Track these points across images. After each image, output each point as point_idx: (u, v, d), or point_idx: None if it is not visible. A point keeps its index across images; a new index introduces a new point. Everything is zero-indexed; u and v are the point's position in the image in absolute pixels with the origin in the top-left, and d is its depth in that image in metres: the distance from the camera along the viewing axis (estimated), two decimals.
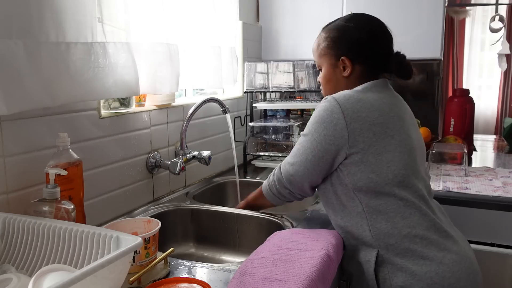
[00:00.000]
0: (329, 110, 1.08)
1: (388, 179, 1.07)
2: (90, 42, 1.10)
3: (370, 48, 1.17)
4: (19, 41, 0.92)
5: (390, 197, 1.07)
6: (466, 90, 2.33)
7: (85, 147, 1.20)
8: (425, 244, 1.05)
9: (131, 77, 1.23)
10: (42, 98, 0.98)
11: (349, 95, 1.10)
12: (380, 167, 1.06)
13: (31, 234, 0.88)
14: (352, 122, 1.06)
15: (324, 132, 1.09)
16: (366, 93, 1.13)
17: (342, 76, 1.19)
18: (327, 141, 1.08)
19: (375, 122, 1.07)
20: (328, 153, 1.09)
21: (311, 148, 1.11)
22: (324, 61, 1.22)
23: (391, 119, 1.10)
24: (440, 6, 2.00)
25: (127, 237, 0.81)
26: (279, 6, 2.24)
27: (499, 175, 1.84)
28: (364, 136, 1.06)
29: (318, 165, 1.12)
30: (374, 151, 1.06)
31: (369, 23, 1.19)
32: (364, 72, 1.18)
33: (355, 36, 1.17)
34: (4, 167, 0.99)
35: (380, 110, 1.09)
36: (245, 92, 2.05)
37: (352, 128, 1.06)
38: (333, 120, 1.07)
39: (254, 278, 0.90)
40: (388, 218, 1.07)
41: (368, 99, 1.10)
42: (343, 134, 1.07)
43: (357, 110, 1.07)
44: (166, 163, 1.48)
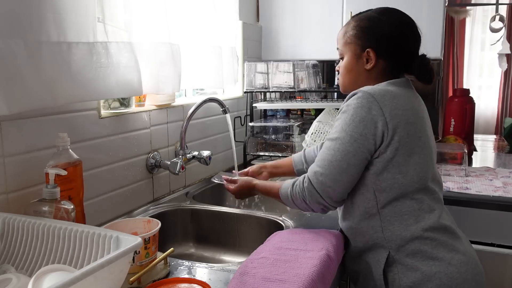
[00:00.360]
0: (366, 107, 1.03)
1: (413, 181, 1.05)
2: (91, 42, 1.10)
3: (398, 45, 1.13)
4: (20, 40, 0.92)
5: (408, 199, 1.06)
6: (466, 90, 2.32)
7: (85, 147, 1.20)
8: (435, 245, 1.04)
9: (133, 77, 1.23)
10: (43, 98, 0.98)
11: (384, 90, 1.06)
12: (408, 168, 1.04)
13: (31, 234, 0.88)
14: (391, 120, 1.03)
15: (365, 131, 1.03)
16: (398, 89, 1.09)
17: (364, 68, 1.15)
18: (370, 140, 1.03)
19: (409, 121, 1.05)
20: (370, 153, 1.05)
21: (352, 152, 1.03)
22: (349, 50, 1.17)
23: (419, 120, 1.08)
24: (440, 6, 2.00)
25: (127, 237, 0.80)
26: (279, 6, 2.24)
27: (500, 175, 1.84)
28: (400, 135, 1.03)
29: (361, 169, 1.06)
30: (405, 152, 1.04)
31: (401, 20, 1.15)
32: (386, 68, 1.14)
33: (385, 30, 1.13)
34: (4, 167, 0.99)
35: (412, 109, 1.07)
36: (245, 92, 2.05)
37: (392, 126, 1.03)
38: (373, 117, 1.02)
39: (254, 278, 0.90)
40: (402, 221, 1.06)
41: (402, 97, 1.07)
42: (383, 131, 1.03)
43: (394, 107, 1.04)
44: (166, 163, 1.48)
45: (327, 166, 1.06)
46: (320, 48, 2.18)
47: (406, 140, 1.04)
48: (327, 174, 1.06)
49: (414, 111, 1.08)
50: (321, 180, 1.06)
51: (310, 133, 1.85)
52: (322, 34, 2.17)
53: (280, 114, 2.31)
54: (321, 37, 2.17)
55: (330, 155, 1.06)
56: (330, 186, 1.06)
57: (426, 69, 1.15)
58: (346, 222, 1.15)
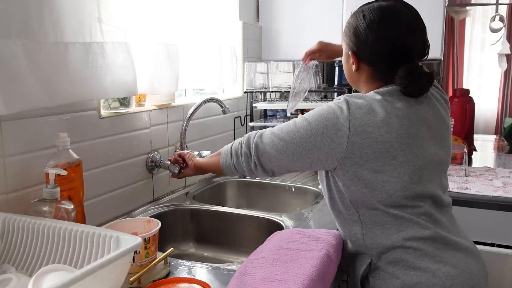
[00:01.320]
0: (337, 112, 1.01)
1: (381, 197, 1.01)
2: (88, 42, 1.10)
3: (377, 52, 1.06)
4: (18, 41, 0.92)
5: (385, 213, 1.03)
6: (466, 90, 2.32)
7: (85, 147, 1.20)
8: (418, 255, 1.00)
9: (129, 77, 1.23)
10: (41, 98, 0.98)
11: (362, 103, 1.02)
12: (375, 184, 1.00)
13: (31, 234, 0.88)
14: (355, 135, 0.99)
15: (322, 130, 1.01)
16: (380, 102, 1.02)
17: (352, 70, 1.11)
18: (323, 139, 1.01)
19: (378, 139, 0.99)
20: (317, 151, 1.02)
21: (302, 134, 1.03)
22: (343, 46, 1.14)
23: (398, 138, 1.00)
24: (440, 6, 2.00)
25: (127, 237, 0.80)
26: (279, 6, 2.24)
27: (499, 175, 1.84)
28: (363, 151, 0.99)
29: (300, 154, 1.04)
30: (370, 168, 1.00)
31: (388, 23, 1.04)
32: (372, 73, 1.09)
33: (362, 34, 1.06)
34: (4, 167, 0.99)
35: (388, 127, 0.99)
36: (245, 92, 2.05)
37: (352, 140, 0.99)
38: (337, 124, 1.00)
39: (254, 278, 0.90)
40: (383, 230, 1.03)
41: (379, 112, 1.00)
42: (341, 142, 1.00)
43: (364, 123, 0.99)
44: (166, 163, 1.48)
45: (277, 128, 1.09)
46: None
47: (370, 157, 0.99)
48: (271, 132, 1.08)
49: (392, 129, 0.99)
50: (265, 133, 1.10)
51: None
52: (322, 34, 2.16)
53: (280, 114, 2.31)
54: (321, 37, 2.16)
55: (285, 125, 1.08)
56: (264, 142, 1.08)
57: (409, 80, 1.02)
58: (337, 225, 1.16)
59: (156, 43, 1.35)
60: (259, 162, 1.10)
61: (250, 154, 1.10)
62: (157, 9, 1.37)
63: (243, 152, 1.12)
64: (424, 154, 1.03)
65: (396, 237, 1.02)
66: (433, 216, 1.04)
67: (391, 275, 1.02)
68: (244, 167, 1.13)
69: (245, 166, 1.12)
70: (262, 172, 1.12)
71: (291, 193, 1.72)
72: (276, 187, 1.75)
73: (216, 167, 1.21)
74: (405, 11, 1.05)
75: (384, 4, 1.06)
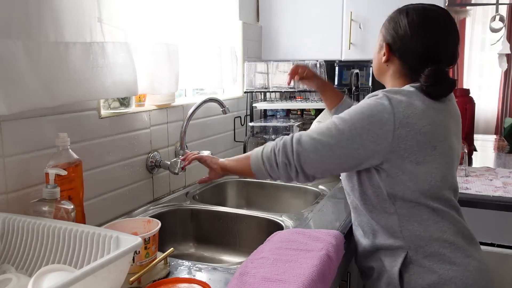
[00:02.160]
0: (380, 107, 1.01)
1: (424, 189, 1.03)
2: (88, 42, 1.10)
3: (411, 50, 1.09)
4: (18, 41, 0.92)
5: (424, 206, 1.05)
6: (466, 90, 2.32)
7: (85, 147, 1.20)
8: (453, 249, 1.04)
9: (129, 77, 1.23)
10: (41, 98, 0.98)
11: (401, 98, 1.03)
12: (418, 176, 1.03)
13: (31, 234, 0.88)
14: (400, 128, 1.01)
15: (368, 127, 1.01)
16: (417, 96, 1.05)
17: (382, 60, 1.15)
18: (369, 137, 1.01)
19: (421, 130, 1.02)
20: (364, 149, 1.02)
21: (348, 135, 1.02)
22: (379, 37, 1.18)
23: (437, 129, 1.04)
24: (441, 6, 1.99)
25: (127, 237, 0.80)
26: (279, 6, 2.24)
27: (500, 175, 1.84)
28: (407, 143, 1.01)
29: (347, 156, 1.03)
30: (413, 160, 1.02)
31: (427, 27, 1.08)
32: (401, 68, 1.12)
33: (403, 31, 1.10)
34: (4, 167, 0.99)
35: (428, 118, 1.03)
36: (245, 92, 2.05)
37: (397, 134, 1.01)
38: (382, 119, 1.01)
39: (254, 278, 0.90)
40: (421, 221, 1.05)
41: (419, 105, 1.03)
42: (387, 136, 1.01)
43: (407, 115, 1.01)
44: (166, 163, 1.48)
45: (316, 133, 1.04)
46: (320, 48, 2.18)
47: (414, 149, 1.02)
48: (312, 137, 1.04)
49: (432, 120, 1.04)
50: (303, 139, 1.05)
51: None
52: (322, 34, 2.17)
53: (280, 114, 2.31)
54: (321, 37, 2.18)
55: (325, 126, 1.05)
56: (306, 149, 1.04)
57: (432, 81, 1.05)
58: (363, 217, 1.14)
59: (156, 43, 1.35)
60: (302, 170, 1.07)
61: (289, 163, 1.07)
62: (157, 9, 1.37)
63: (281, 161, 1.08)
64: (453, 147, 1.10)
65: (434, 229, 1.04)
66: (459, 210, 1.10)
67: (427, 270, 1.03)
68: (282, 175, 1.10)
69: (283, 174, 1.10)
70: (304, 179, 1.09)
71: (291, 193, 1.72)
72: (276, 187, 1.75)
73: (247, 171, 1.17)
74: (446, 18, 1.11)
75: (429, 8, 1.12)
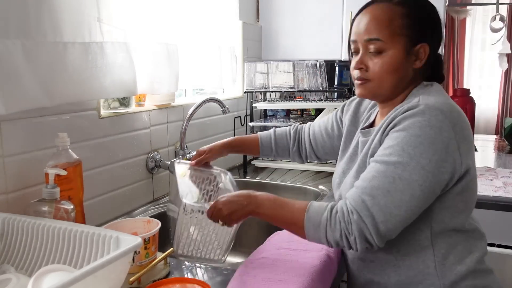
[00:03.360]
0: (436, 126, 0.83)
1: (471, 208, 0.93)
2: (87, 42, 1.10)
3: (439, 41, 0.97)
4: (17, 41, 0.92)
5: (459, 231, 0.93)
6: (466, 90, 2.33)
7: (85, 147, 1.20)
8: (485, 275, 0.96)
9: (128, 77, 1.23)
10: (40, 98, 0.98)
11: (448, 104, 0.88)
12: (469, 194, 0.91)
13: (31, 234, 0.88)
14: (462, 142, 0.86)
15: (435, 158, 0.83)
16: (452, 101, 0.92)
17: (412, 67, 0.94)
18: (440, 168, 0.84)
19: (471, 140, 0.90)
20: (439, 185, 0.85)
21: (418, 181, 0.82)
22: (397, 43, 0.91)
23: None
24: (441, 6, 1.99)
25: (127, 237, 0.80)
26: (279, 6, 2.24)
27: (500, 175, 1.83)
28: (470, 159, 0.88)
29: (425, 201, 0.85)
30: (468, 177, 0.89)
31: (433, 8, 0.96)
32: (427, 67, 0.97)
33: (435, 23, 0.95)
34: (4, 167, 0.99)
35: (470, 124, 0.91)
36: (245, 92, 2.04)
37: (462, 151, 0.86)
38: (444, 140, 0.83)
39: (254, 278, 0.90)
40: (457, 253, 0.92)
41: (460, 110, 0.90)
42: (455, 158, 0.85)
43: (463, 126, 0.87)
44: (166, 163, 1.48)
45: (382, 196, 0.83)
46: (320, 48, 2.18)
47: (471, 164, 0.89)
48: (382, 205, 0.82)
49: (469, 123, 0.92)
50: (373, 212, 0.83)
51: None
52: (322, 34, 2.17)
53: (280, 114, 2.31)
54: (321, 37, 2.17)
55: (387, 182, 0.83)
56: (383, 221, 0.83)
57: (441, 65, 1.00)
58: (381, 254, 0.95)
59: (155, 43, 1.35)
60: (384, 241, 0.86)
61: (372, 246, 0.85)
62: (157, 9, 1.37)
63: (359, 248, 0.85)
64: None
65: (470, 260, 0.92)
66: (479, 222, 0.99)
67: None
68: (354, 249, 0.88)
69: (358, 249, 0.87)
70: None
71: (291, 193, 1.72)
72: (276, 187, 1.75)
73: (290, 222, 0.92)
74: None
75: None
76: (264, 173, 1.93)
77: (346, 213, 0.85)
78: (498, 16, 2.79)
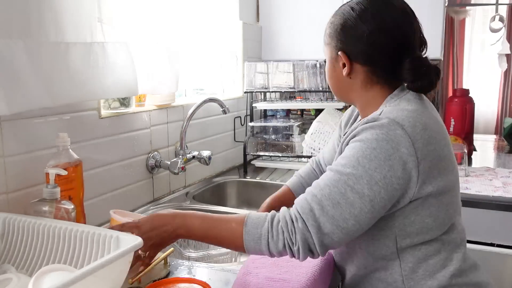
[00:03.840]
0: (394, 141, 0.80)
1: (444, 223, 0.88)
2: (89, 42, 1.10)
3: (375, 46, 0.89)
4: (19, 41, 0.92)
5: (434, 241, 0.88)
6: (466, 90, 2.32)
7: (85, 147, 1.20)
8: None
9: (130, 77, 1.23)
10: (42, 98, 0.98)
11: (413, 117, 0.83)
12: (440, 210, 0.86)
13: (31, 234, 0.88)
14: (423, 160, 0.81)
15: (390, 174, 0.79)
16: (421, 110, 0.87)
17: (343, 75, 0.94)
18: (394, 185, 0.80)
19: (441, 155, 0.85)
20: (390, 201, 0.82)
21: (370, 196, 0.79)
22: (326, 51, 0.98)
23: (450, 148, 0.89)
24: (440, 6, 2.00)
25: (127, 237, 0.80)
26: (279, 6, 2.24)
27: (499, 175, 1.84)
28: (431, 175, 0.83)
29: (373, 218, 0.82)
30: (436, 192, 0.84)
31: (383, 11, 0.90)
32: (371, 75, 0.92)
33: (357, 28, 0.90)
34: (4, 167, 0.99)
35: (445, 138, 0.87)
36: (245, 92, 2.05)
37: (422, 168, 0.81)
38: (402, 156, 0.80)
39: (257, 278, 0.90)
40: (427, 267, 0.88)
41: (431, 123, 0.85)
42: (412, 175, 0.81)
43: (426, 142, 0.82)
44: (166, 163, 1.48)
45: (331, 207, 0.80)
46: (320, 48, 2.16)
47: (438, 180, 0.84)
48: (330, 216, 0.79)
49: (446, 140, 0.87)
50: (319, 223, 0.79)
51: (310, 133, 1.85)
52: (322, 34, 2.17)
53: (280, 114, 2.31)
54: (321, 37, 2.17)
55: (338, 193, 0.80)
56: (328, 232, 0.79)
57: (420, 71, 0.88)
58: (349, 268, 0.96)
59: (156, 43, 1.35)
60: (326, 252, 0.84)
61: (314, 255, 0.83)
62: (157, 9, 1.37)
63: (302, 257, 0.82)
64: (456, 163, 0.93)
65: (442, 274, 0.87)
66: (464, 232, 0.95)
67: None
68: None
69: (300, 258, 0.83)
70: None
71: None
72: (276, 187, 1.74)
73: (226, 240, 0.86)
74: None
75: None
76: (264, 173, 1.93)
77: (289, 222, 0.81)
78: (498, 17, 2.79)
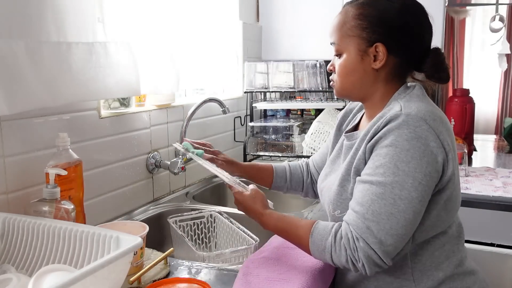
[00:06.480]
0: (423, 137, 0.83)
1: (452, 215, 0.93)
2: (91, 42, 1.10)
3: (413, 38, 0.93)
4: (20, 41, 0.92)
5: (441, 234, 0.93)
6: (466, 90, 2.32)
7: (85, 147, 1.20)
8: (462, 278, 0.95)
9: (132, 77, 1.23)
10: (44, 98, 0.98)
11: (430, 111, 0.87)
12: (452, 203, 0.91)
13: (31, 234, 0.88)
14: (449, 151, 0.86)
15: (428, 169, 0.83)
16: (434, 106, 0.91)
17: (371, 68, 0.93)
18: (434, 179, 0.84)
19: (454, 147, 0.89)
20: (431, 194, 0.87)
21: (418, 198, 0.82)
22: (350, 44, 0.94)
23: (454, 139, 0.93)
24: (440, 6, 1.99)
25: (127, 237, 0.80)
26: (279, 6, 2.24)
27: (499, 175, 1.84)
28: (454, 166, 0.87)
29: (422, 213, 0.86)
30: (450, 181, 0.88)
31: (415, 6, 0.94)
32: (397, 67, 0.94)
33: (397, 19, 0.92)
34: (4, 167, 0.99)
35: (452, 131, 0.91)
36: (245, 92, 2.05)
37: (450, 158, 0.86)
38: (433, 150, 0.83)
39: (258, 278, 0.90)
40: (433, 259, 0.92)
41: (443, 117, 0.90)
42: (443, 166, 0.86)
43: (446, 134, 0.86)
44: (166, 163, 1.48)
45: (387, 220, 0.82)
46: (320, 48, 2.18)
47: (455, 172, 0.88)
48: (388, 229, 0.81)
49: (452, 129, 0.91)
50: (380, 238, 0.81)
51: (310, 133, 1.85)
52: (322, 34, 2.15)
53: (280, 114, 2.31)
54: (321, 37, 2.16)
55: (388, 205, 0.82)
56: (392, 244, 0.82)
57: (442, 66, 0.94)
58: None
59: (157, 43, 1.34)
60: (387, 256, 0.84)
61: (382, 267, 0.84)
62: (158, 10, 1.37)
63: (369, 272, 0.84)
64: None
65: (446, 265, 0.93)
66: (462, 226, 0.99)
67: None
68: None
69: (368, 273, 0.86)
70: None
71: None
72: None
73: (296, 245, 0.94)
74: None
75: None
76: None
77: (351, 240, 0.83)
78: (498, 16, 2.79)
